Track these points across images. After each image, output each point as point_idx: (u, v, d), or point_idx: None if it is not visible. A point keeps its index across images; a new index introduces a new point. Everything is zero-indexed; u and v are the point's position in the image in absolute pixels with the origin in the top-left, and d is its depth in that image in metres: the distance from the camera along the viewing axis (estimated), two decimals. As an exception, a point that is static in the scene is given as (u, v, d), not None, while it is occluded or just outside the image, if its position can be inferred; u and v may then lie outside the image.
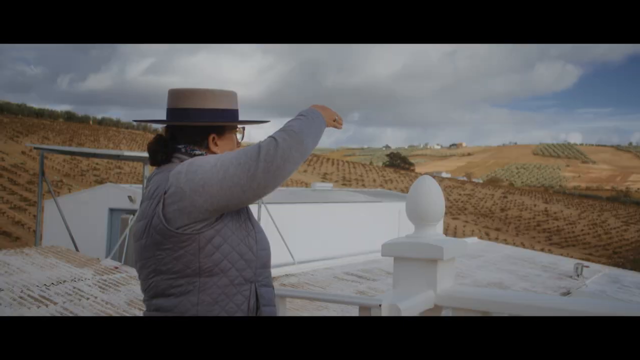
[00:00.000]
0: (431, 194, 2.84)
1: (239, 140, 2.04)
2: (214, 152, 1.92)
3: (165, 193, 1.73)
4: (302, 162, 1.72)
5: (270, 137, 1.70)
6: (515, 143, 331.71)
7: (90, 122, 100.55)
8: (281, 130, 1.73)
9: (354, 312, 7.82)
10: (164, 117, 2.00)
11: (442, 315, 2.88)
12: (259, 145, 1.68)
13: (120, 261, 10.63)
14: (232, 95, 1.98)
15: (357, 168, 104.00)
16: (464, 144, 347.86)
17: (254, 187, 1.65)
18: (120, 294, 7.25)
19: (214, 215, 1.71)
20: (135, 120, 2.08)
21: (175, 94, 1.94)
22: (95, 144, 73.36)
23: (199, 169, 1.69)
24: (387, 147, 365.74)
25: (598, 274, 15.69)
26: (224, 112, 1.94)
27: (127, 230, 10.89)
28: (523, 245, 49.16)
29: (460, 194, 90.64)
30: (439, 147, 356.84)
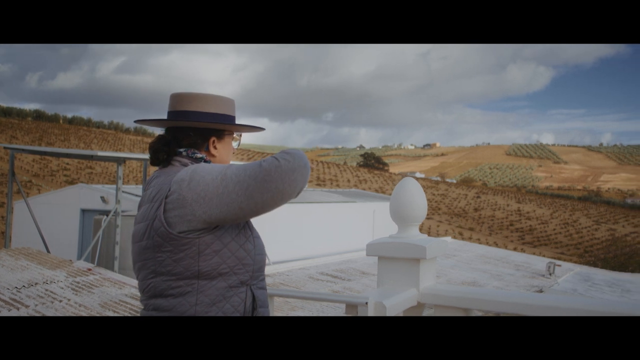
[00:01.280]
0: (413, 195, 2.89)
1: (234, 147, 2.10)
2: (213, 155, 2.00)
3: (166, 197, 1.76)
4: (303, 185, 1.70)
5: (273, 157, 1.69)
6: (489, 143, 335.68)
7: (60, 121, 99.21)
8: (284, 151, 1.72)
9: (330, 311, 7.79)
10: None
11: (425, 312, 2.92)
12: (260, 165, 1.67)
13: (93, 263, 10.47)
14: (231, 102, 2.04)
15: (331, 168, 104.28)
16: (437, 144, 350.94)
17: (251, 205, 1.67)
18: (94, 296, 7.13)
19: (212, 225, 1.74)
20: (136, 121, 2.10)
21: (178, 98, 1.99)
22: (66, 144, 72.33)
23: (202, 179, 1.72)
24: (361, 147, 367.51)
25: (570, 273, 15.96)
26: (223, 117, 1.99)
27: (100, 232, 10.72)
28: (496, 245, 49.85)
29: (434, 194, 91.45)
30: (412, 147, 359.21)
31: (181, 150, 1.94)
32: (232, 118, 2.03)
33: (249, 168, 1.68)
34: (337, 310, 7.81)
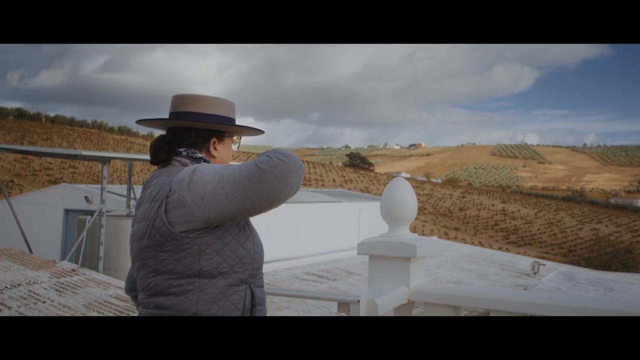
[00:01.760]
0: (404, 195, 2.91)
1: (234, 150, 2.13)
2: (213, 156, 2.03)
3: (167, 197, 1.78)
4: (299, 186, 1.70)
5: (267, 156, 1.67)
6: (474, 144, 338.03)
7: (43, 120, 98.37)
8: (277, 151, 1.69)
9: (316, 311, 7.78)
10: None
11: (415, 309, 2.93)
12: (255, 164, 1.66)
13: (77, 263, 10.37)
14: (232, 105, 2.07)
15: (316, 168, 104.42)
16: (423, 144, 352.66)
17: (247, 206, 1.67)
18: (78, 297, 7.06)
19: (212, 225, 1.75)
20: (138, 121, 2.11)
21: (180, 99, 2.02)
22: (48, 143, 71.64)
23: (200, 180, 1.73)
24: (346, 147, 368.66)
25: (554, 272, 16.08)
26: (225, 119, 2.02)
27: (84, 232, 10.61)
28: (481, 244, 50.20)
29: (419, 194, 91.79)
30: (398, 147, 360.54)
31: (181, 150, 1.96)
32: (233, 120, 2.06)
33: (244, 169, 1.67)
34: (323, 310, 7.79)
